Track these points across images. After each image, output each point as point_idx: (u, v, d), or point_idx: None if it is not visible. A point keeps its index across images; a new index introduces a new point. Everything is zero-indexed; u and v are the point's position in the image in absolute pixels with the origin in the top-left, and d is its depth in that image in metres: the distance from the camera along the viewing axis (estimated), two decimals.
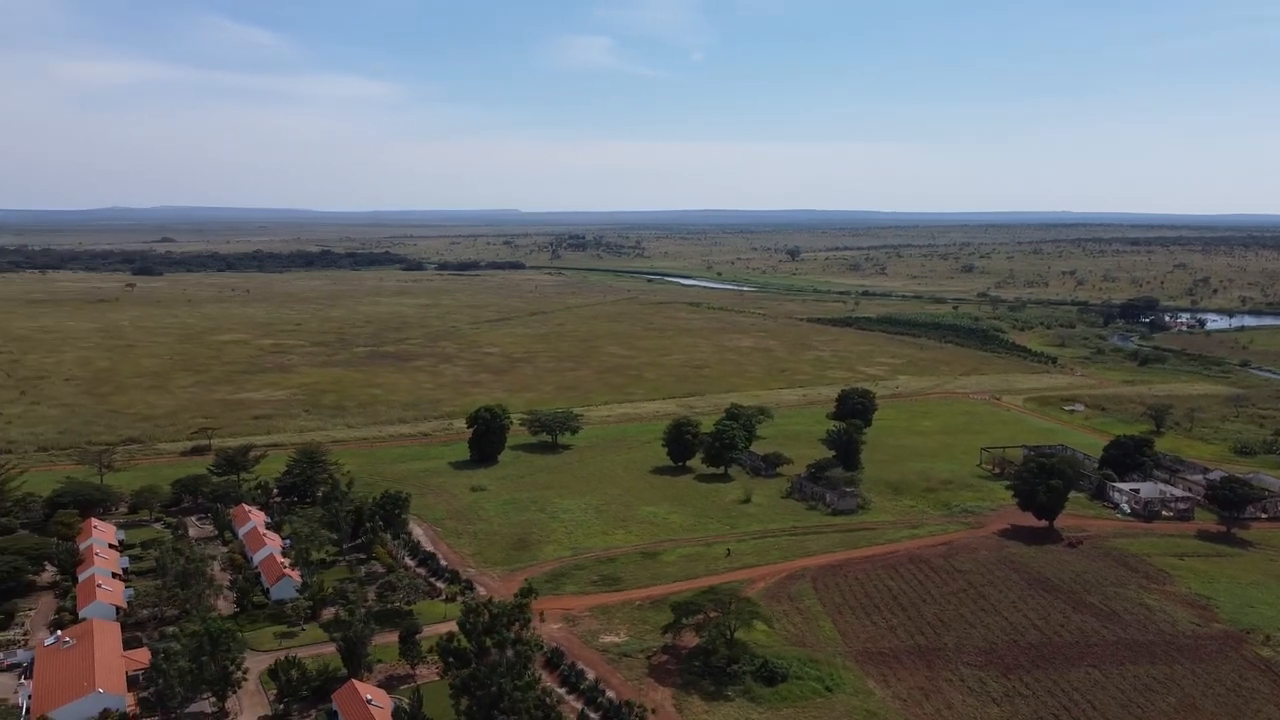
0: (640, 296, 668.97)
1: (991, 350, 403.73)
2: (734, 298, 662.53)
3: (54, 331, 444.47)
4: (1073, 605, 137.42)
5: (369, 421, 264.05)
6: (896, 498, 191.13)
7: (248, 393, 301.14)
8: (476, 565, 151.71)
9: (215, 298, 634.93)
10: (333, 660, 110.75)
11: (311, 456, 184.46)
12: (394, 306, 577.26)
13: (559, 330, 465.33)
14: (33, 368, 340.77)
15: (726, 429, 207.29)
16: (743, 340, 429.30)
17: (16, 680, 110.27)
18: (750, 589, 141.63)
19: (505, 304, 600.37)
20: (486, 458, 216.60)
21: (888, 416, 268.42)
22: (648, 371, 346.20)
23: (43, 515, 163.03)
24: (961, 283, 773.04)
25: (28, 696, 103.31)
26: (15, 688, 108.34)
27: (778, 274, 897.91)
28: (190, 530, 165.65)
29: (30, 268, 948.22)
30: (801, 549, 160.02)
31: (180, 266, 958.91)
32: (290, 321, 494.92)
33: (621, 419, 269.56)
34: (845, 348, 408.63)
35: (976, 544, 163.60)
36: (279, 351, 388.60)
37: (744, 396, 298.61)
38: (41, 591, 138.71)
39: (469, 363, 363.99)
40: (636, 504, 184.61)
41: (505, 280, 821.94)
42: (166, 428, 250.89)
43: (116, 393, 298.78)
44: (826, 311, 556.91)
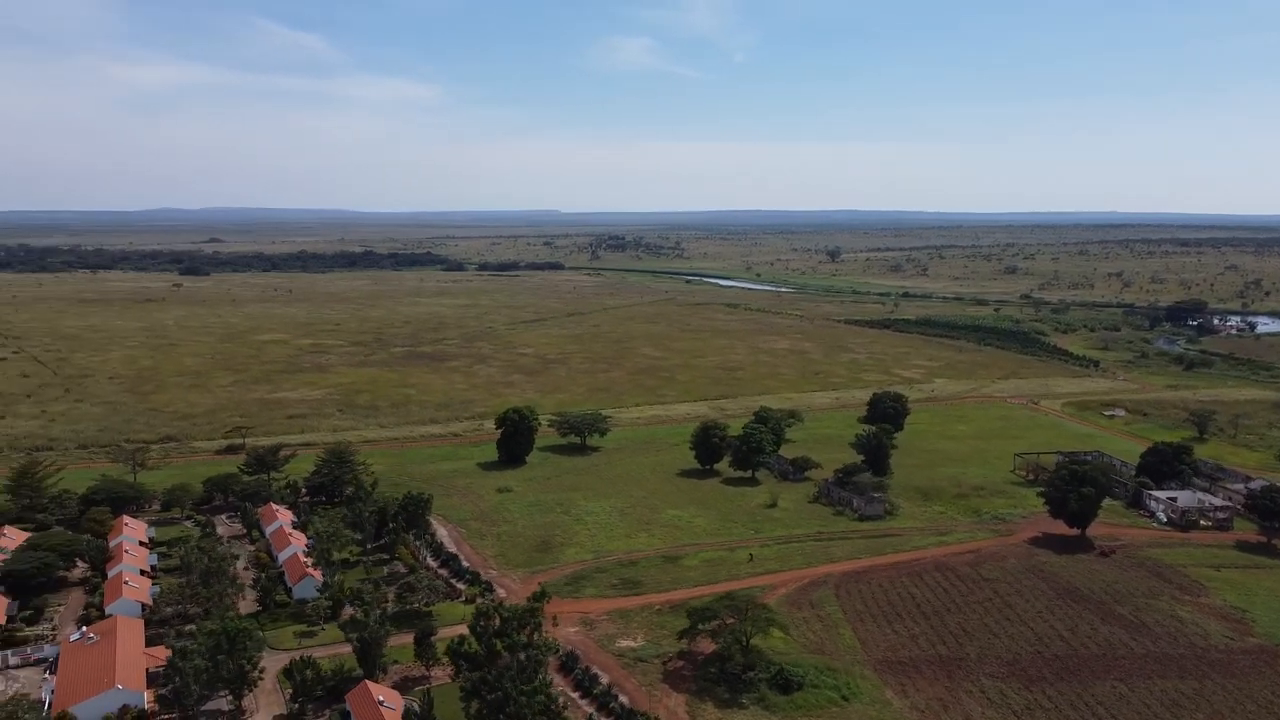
0: (678, 297, 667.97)
1: (1031, 353, 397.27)
2: (772, 299, 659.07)
3: (102, 330, 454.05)
4: (1101, 616, 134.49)
5: (401, 421, 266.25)
6: (926, 503, 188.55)
7: (284, 392, 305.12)
8: (498, 567, 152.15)
9: (259, 297, 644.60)
10: (348, 660, 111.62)
11: (339, 456, 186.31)
12: (433, 307, 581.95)
13: (594, 331, 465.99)
14: (79, 366, 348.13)
15: (754, 432, 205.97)
16: (778, 342, 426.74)
17: (42, 675, 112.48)
18: (771, 595, 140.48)
19: (543, 305, 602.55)
20: (515, 459, 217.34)
21: (921, 420, 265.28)
22: (680, 373, 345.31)
23: (77, 512, 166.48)
24: (1004, 284, 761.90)
25: (51, 691, 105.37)
26: (40, 682, 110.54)
27: (817, 275, 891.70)
28: (219, 528, 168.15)
29: (83, 267, 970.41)
30: (825, 555, 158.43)
31: (226, 266, 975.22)
32: (330, 321, 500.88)
33: (651, 421, 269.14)
34: (882, 350, 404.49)
35: (1005, 552, 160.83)
36: (317, 351, 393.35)
37: (776, 399, 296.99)
38: (73, 587, 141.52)
39: (503, 363, 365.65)
40: (661, 507, 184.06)
41: (544, 281, 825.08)
42: (204, 426, 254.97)
43: (157, 391, 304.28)
44: (865, 313, 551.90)
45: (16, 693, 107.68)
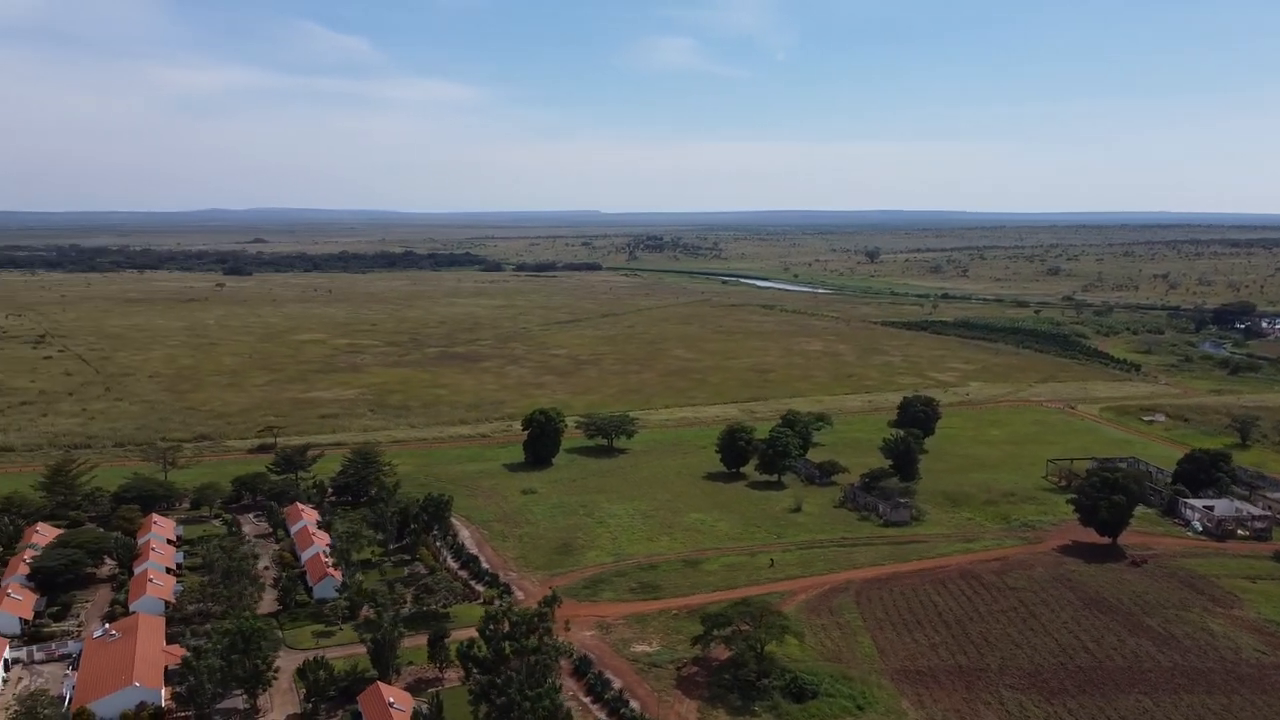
0: (713, 298, 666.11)
1: (1071, 356, 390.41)
2: (808, 300, 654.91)
3: (145, 330, 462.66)
4: (1129, 628, 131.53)
5: (431, 422, 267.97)
6: (954, 510, 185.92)
7: (318, 392, 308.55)
8: (518, 569, 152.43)
9: (299, 297, 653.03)
10: (363, 661, 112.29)
11: (365, 457, 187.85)
12: (469, 307, 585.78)
13: (628, 332, 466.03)
14: (121, 365, 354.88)
15: (780, 436, 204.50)
16: (812, 344, 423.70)
17: (65, 670, 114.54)
18: (791, 601, 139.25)
19: (578, 305, 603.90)
20: (541, 460, 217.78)
21: (954, 425, 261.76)
22: (712, 375, 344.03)
23: (109, 509, 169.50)
24: (1046, 285, 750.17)
25: (72, 687, 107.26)
26: (62, 677, 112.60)
27: (855, 276, 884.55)
28: (246, 527, 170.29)
29: (130, 267, 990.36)
30: (848, 561, 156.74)
31: (269, 267, 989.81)
32: (367, 321, 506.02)
33: (680, 423, 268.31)
34: (917, 352, 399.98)
35: (1033, 560, 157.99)
36: (353, 351, 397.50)
37: (807, 402, 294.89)
38: (101, 584, 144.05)
39: (535, 364, 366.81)
40: (684, 510, 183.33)
41: (581, 281, 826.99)
42: (238, 425, 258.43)
43: (195, 390, 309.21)
44: (902, 315, 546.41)
45: (38, 688, 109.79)
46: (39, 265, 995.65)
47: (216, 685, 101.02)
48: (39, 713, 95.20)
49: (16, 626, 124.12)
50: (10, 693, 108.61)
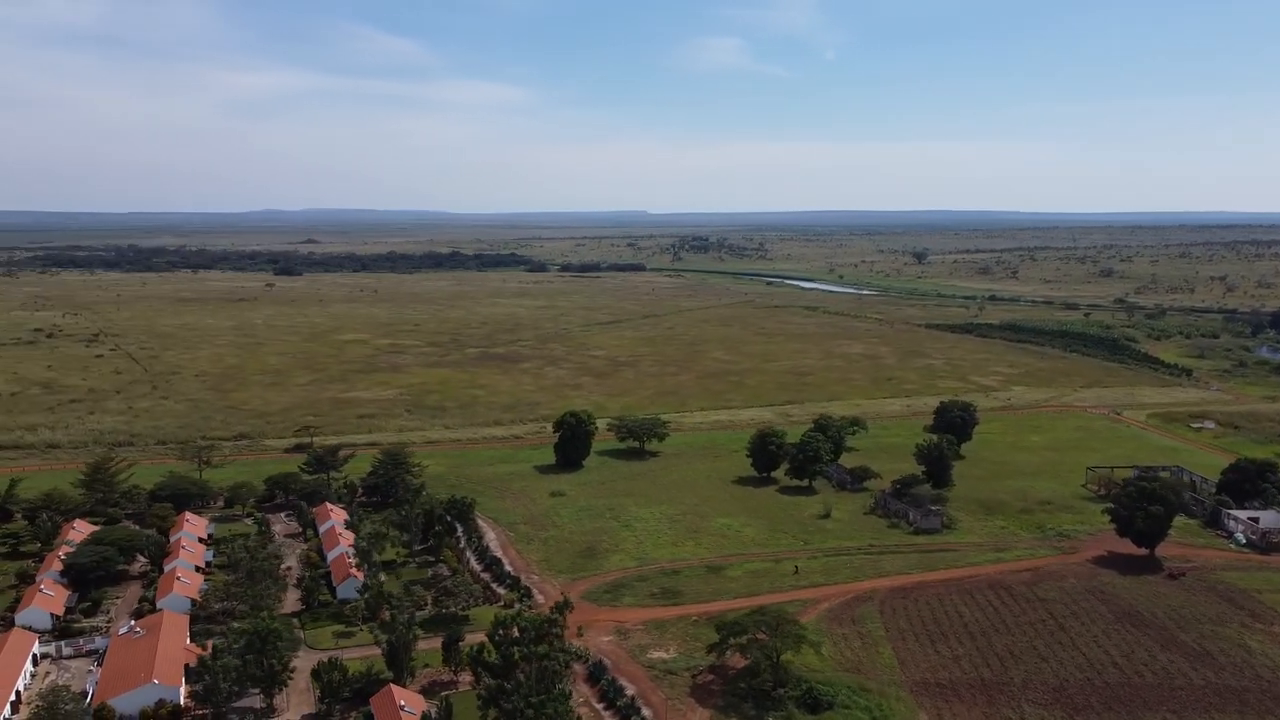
0: (756, 300, 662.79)
1: (1119, 361, 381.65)
2: (852, 302, 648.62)
3: (194, 329, 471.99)
4: (1161, 643, 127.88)
5: (466, 423, 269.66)
6: (987, 518, 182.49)
7: (358, 392, 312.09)
8: (540, 572, 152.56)
9: (346, 297, 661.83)
10: (379, 663, 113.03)
11: (395, 458, 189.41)
12: (511, 308, 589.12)
13: (667, 334, 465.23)
14: (169, 364, 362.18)
15: (811, 441, 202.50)
16: (852, 346, 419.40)
17: (90, 666, 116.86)
18: (813, 609, 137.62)
19: (619, 306, 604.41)
20: (571, 462, 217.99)
21: (993, 430, 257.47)
22: (750, 378, 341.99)
23: (145, 507, 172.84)
24: (1098, 288, 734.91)
25: (95, 683, 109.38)
26: (87, 673, 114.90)
27: (902, 277, 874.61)
28: (277, 526, 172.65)
29: (185, 267, 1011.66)
30: (874, 569, 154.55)
31: (319, 267, 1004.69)
32: (410, 322, 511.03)
33: (714, 426, 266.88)
34: (960, 356, 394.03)
35: (1066, 571, 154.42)
36: (395, 351, 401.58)
37: (845, 406, 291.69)
38: (133, 581, 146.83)
39: (574, 365, 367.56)
40: (712, 515, 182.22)
41: (624, 282, 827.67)
42: (277, 425, 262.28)
43: (239, 389, 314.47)
44: (947, 317, 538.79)
45: (62, 683, 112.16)
46: (98, 265, 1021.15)
47: (232, 684, 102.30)
48: (59, 708, 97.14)
49: (48, 622, 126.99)
50: (37, 687, 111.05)
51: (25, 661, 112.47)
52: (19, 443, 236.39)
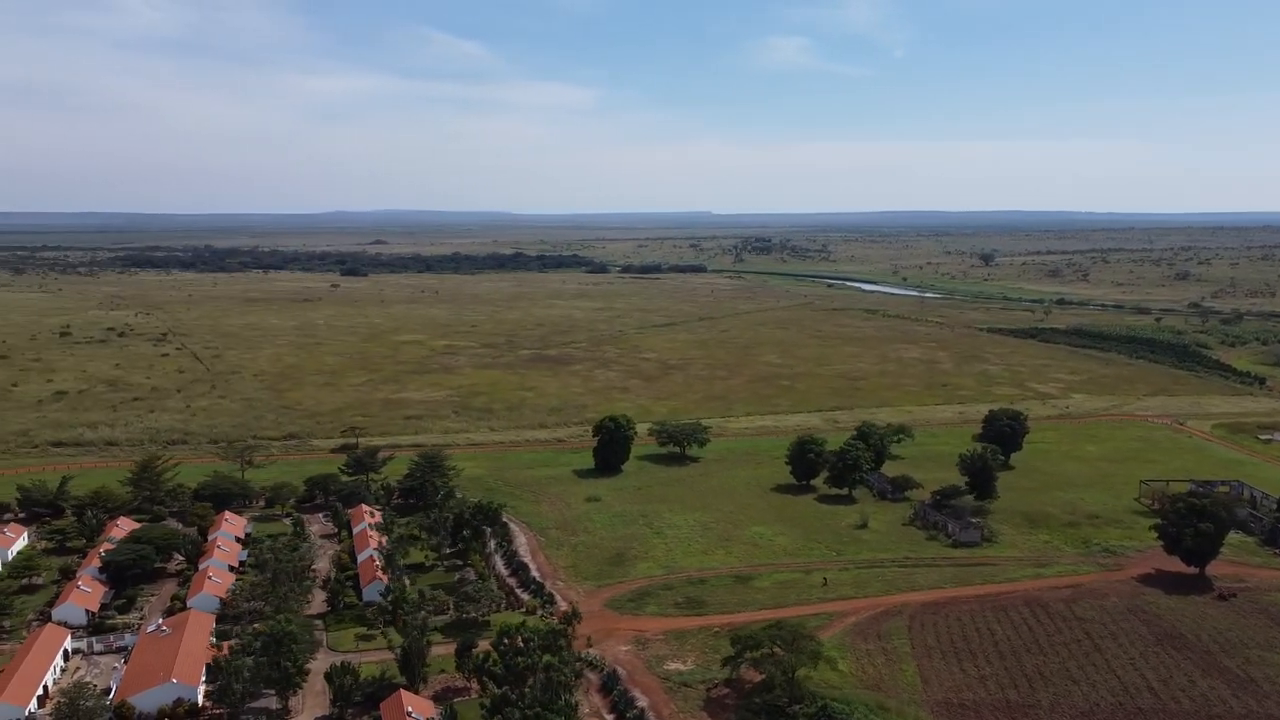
0: (815, 302, 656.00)
1: (1188, 368, 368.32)
2: (913, 305, 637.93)
3: (258, 329, 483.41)
4: (1203, 668, 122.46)
5: (512, 425, 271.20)
6: (1031, 531, 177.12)
7: (409, 392, 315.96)
8: (566, 578, 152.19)
9: (407, 298, 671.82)
10: (393, 667, 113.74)
11: (431, 460, 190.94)
12: (568, 309, 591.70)
13: (721, 336, 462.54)
14: (230, 363, 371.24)
15: (851, 449, 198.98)
16: (909, 351, 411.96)
17: (118, 662, 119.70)
18: (839, 623, 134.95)
19: (676, 308, 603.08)
20: (610, 467, 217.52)
21: (1047, 439, 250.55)
22: (800, 382, 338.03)
23: (188, 506, 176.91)
24: (1172, 291, 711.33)
25: (119, 679, 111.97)
26: (112, 669, 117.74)
27: (967, 280, 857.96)
28: (314, 527, 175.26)
29: (256, 268, 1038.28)
30: (907, 582, 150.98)
31: (384, 268, 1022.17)
32: (467, 323, 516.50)
33: (759, 431, 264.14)
34: (1020, 361, 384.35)
35: (1108, 589, 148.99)
36: (449, 352, 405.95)
37: (895, 412, 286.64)
38: (170, 578, 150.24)
39: (624, 368, 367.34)
40: (746, 523, 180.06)
41: (683, 284, 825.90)
42: (326, 425, 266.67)
43: (294, 389, 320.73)
44: (1011, 321, 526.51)
45: (90, 678, 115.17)
46: (174, 265, 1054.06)
47: (245, 685, 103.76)
48: (79, 704, 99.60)
49: (83, 617, 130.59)
50: (66, 682, 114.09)
51: (56, 656, 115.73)
52: (79, 440, 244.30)
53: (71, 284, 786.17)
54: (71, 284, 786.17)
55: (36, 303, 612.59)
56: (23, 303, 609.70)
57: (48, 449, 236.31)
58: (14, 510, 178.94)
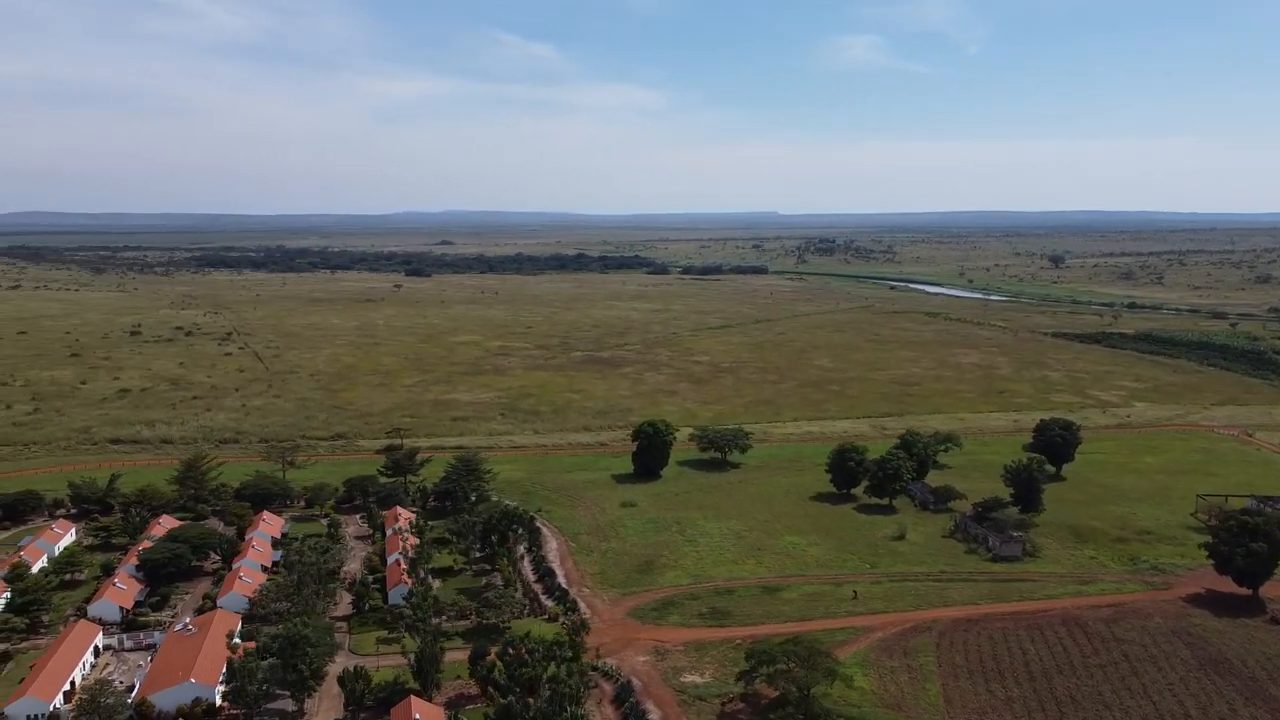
0: (876, 304, 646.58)
1: (1262, 376, 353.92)
2: (977, 308, 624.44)
3: (320, 329, 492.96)
4: (1246, 695, 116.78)
5: (556, 428, 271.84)
6: (1078, 546, 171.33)
7: (459, 394, 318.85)
8: (593, 585, 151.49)
9: (467, 299, 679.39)
10: (407, 673, 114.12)
11: (468, 464, 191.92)
12: (625, 311, 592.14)
13: (776, 339, 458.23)
14: (289, 363, 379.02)
15: (892, 458, 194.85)
16: (968, 356, 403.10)
17: (144, 660, 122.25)
18: (865, 638, 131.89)
19: (733, 310, 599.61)
20: (648, 472, 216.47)
21: (1104, 449, 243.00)
22: (852, 387, 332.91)
23: (230, 505, 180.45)
24: (1253, 295, 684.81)
25: (142, 677, 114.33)
26: (137, 667, 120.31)
27: (1036, 282, 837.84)
28: (350, 528, 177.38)
29: (324, 268, 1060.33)
30: (940, 597, 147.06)
31: (448, 268, 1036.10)
32: (523, 324, 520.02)
33: (805, 438, 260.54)
34: (1084, 368, 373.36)
35: (1153, 609, 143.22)
36: (503, 354, 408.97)
37: (947, 419, 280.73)
38: (206, 577, 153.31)
39: (675, 371, 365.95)
40: (781, 532, 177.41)
41: (743, 286, 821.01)
42: (374, 425, 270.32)
43: (348, 389, 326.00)
44: (1078, 325, 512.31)
45: (119, 675, 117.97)
46: (246, 265, 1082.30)
47: (258, 688, 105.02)
48: (100, 701, 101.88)
49: (117, 614, 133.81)
50: (94, 678, 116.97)
51: (86, 653, 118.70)
52: (136, 437, 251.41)
53: (147, 284, 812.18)
54: (147, 284, 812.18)
55: (113, 302, 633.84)
56: (100, 302, 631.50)
57: (106, 446, 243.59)
58: (66, 506, 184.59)
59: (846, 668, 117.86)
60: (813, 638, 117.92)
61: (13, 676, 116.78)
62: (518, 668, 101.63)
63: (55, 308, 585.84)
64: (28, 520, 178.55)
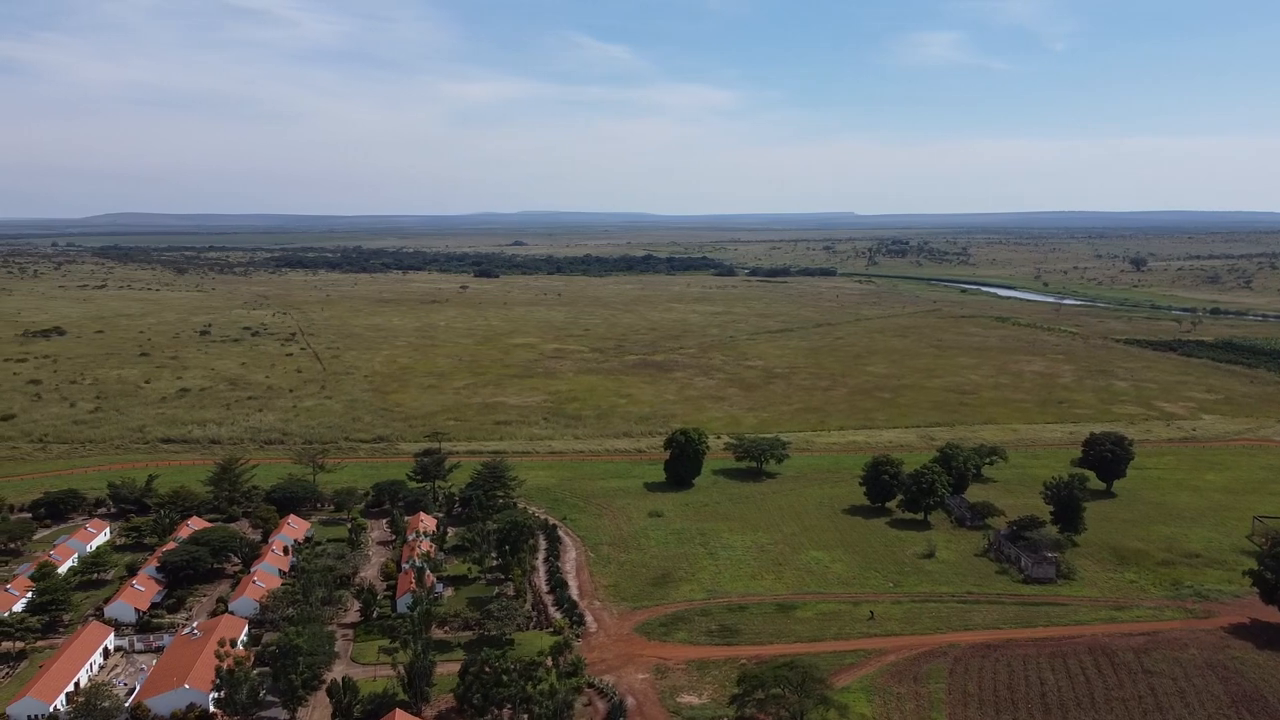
0: (944, 308, 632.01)
1: None
2: (1048, 313, 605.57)
3: (381, 330, 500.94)
4: None
5: (597, 433, 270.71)
6: (1118, 569, 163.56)
7: (507, 396, 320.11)
8: (604, 598, 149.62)
9: (530, 300, 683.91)
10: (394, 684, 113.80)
11: (493, 470, 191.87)
12: (684, 314, 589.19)
13: (834, 344, 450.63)
14: (347, 364, 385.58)
15: (926, 472, 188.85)
16: (1031, 363, 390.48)
17: (152, 662, 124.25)
18: (875, 662, 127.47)
19: (795, 314, 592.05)
20: (680, 481, 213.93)
21: (1163, 465, 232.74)
22: (904, 395, 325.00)
23: (258, 508, 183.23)
24: None
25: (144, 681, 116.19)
26: (141, 669, 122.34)
27: (1115, 286, 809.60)
28: (375, 533, 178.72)
29: (397, 268, 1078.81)
30: (961, 620, 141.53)
31: (517, 269, 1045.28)
32: (581, 326, 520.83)
33: (847, 447, 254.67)
34: (1153, 377, 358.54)
35: (1189, 639, 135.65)
36: (557, 356, 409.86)
37: (1000, 430, 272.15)
38: (226, 580, 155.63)
39: (726, 376, 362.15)
40: (806, 547, 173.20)
41: (810, 288, 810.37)
42: (418, 428, 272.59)
43: (399, 390, 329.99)
44: (1153, 332, 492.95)
45: (121, 677, 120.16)
46: (322, 266, 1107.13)
47: (246, 696, 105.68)
48: (95, 704, 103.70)
49: (132, 615, 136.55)
50: (101, 679, 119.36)
51: (94, 654, 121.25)
52: (187, 437, 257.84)
53: (225, 284, 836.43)
54: (225, 284, 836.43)
55: (190, 301, 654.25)
56: (178, 301, 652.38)
57: (157, 445, 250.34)
58: (108, 506, 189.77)
59: (850, 694, 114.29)
60: (809, 662, 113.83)
61: (26, 675, 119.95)
62: (492, 687, 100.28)
63: (135, 307, 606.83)
64: (69, 519, 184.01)
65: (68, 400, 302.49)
